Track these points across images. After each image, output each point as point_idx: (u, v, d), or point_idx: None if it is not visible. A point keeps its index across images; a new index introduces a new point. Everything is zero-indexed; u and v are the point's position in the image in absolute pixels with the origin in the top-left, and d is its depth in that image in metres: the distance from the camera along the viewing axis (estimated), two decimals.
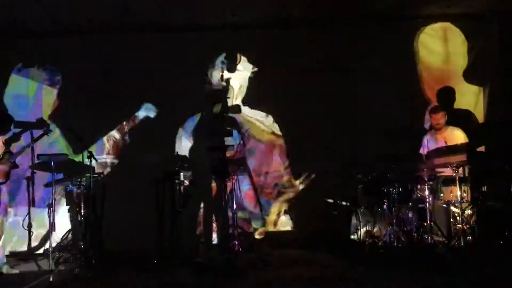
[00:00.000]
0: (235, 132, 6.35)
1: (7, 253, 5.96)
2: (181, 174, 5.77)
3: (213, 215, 5.99)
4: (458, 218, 5.42)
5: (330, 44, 7.11)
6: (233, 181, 5.82)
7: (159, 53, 7.08)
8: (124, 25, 6.95)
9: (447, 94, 6.01)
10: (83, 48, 7.08)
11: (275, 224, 7.00)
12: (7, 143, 5.75)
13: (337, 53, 7.08)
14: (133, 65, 7.03)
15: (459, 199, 5.37)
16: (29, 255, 6.33)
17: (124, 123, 7.13)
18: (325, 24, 7.13)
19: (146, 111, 7.16)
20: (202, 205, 6.32)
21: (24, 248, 6.61)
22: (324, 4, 6.63)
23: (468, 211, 5.50)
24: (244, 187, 6.62)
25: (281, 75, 7.05)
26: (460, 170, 5.40)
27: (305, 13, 6.89)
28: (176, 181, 5.73)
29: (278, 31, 7.19)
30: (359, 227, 5.87)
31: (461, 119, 6.31)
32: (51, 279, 4.79)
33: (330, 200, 6.44)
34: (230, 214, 5.72)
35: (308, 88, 7.03)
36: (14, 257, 6.24)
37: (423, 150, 5.97)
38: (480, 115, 7.06)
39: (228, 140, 5.97)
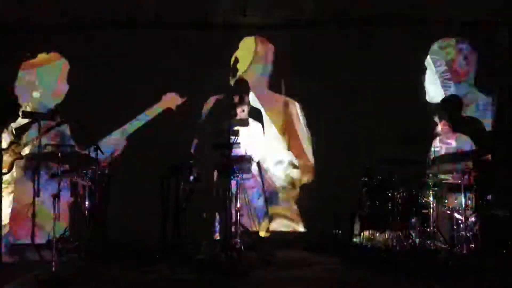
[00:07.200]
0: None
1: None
2: (185, 170, 5.77)
3: (216, 213, 6.00)
4: (461, 225, 5.41)
5: (339, 46, 7.12)
6: (238, 179, 5.81)
7: (167, 49, 7.09)
8: (132, 21, 6.97)
9: (451, 103, 6.10)
10: (91, 42, 7.09)
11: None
12: (16, 133, 5.80)
13: (348, 53, 7.10)
14: (139, 61, 7.04)
15: (463, 206, 5.36)
16: (32, 244, 6.36)
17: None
18: (335, 25, 7.11)
19: None
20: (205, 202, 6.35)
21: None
22: (333, 4, 6.67)
23: (472, 219, 5.48)
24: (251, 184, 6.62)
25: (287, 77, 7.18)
26: (466, 177, 5.41)
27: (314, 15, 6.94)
28: (181, 177, 5.74)
29: (288, 32, 7.22)
30: (361, 231, 5.86)
31: (468, 126, 6.30)
32: (53, 268, 4.81)
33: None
34: (233, 212, 5.71)
35: (317, 92, 7.06)
36: (17, 246, 6.29)
37: (430, 156, 5.96)
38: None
39: (235, 139, 5.95)
